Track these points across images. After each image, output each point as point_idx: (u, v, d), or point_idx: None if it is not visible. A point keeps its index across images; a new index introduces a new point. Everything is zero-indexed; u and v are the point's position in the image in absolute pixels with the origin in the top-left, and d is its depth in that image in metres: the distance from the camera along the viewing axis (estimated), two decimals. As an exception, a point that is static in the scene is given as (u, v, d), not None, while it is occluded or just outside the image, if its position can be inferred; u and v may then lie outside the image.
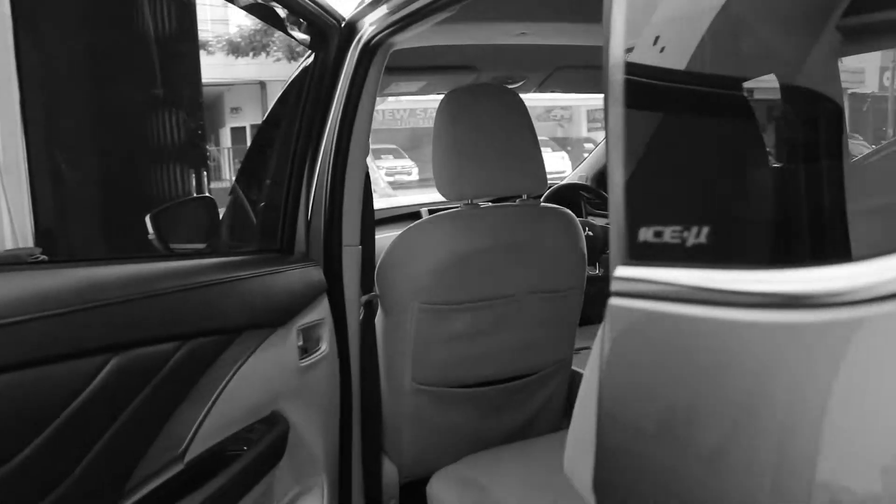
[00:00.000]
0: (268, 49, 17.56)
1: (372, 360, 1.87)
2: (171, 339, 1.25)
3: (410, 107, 21.60)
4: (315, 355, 1.67)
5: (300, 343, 1.62)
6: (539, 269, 1.93)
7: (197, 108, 5.41)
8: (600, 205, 3.29)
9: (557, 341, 2.07)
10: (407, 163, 19.42)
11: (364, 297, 1.84)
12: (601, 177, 3.56)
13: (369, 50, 1.72)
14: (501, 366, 2.00)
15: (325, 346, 1.70)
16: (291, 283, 1.63)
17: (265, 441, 1.48)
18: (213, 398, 1.35)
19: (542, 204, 1.95)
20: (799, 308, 0.63)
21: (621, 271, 0.81)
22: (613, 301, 0.81)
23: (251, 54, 17.70)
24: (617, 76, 0.83)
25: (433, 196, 3.45)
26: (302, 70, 1.89)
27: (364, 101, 1.75)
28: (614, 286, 0.81)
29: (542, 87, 2.83)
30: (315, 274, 1.70)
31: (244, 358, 1.43)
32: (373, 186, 1.98)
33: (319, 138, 1.76)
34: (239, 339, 1.41)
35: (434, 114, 1.87)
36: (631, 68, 0.84)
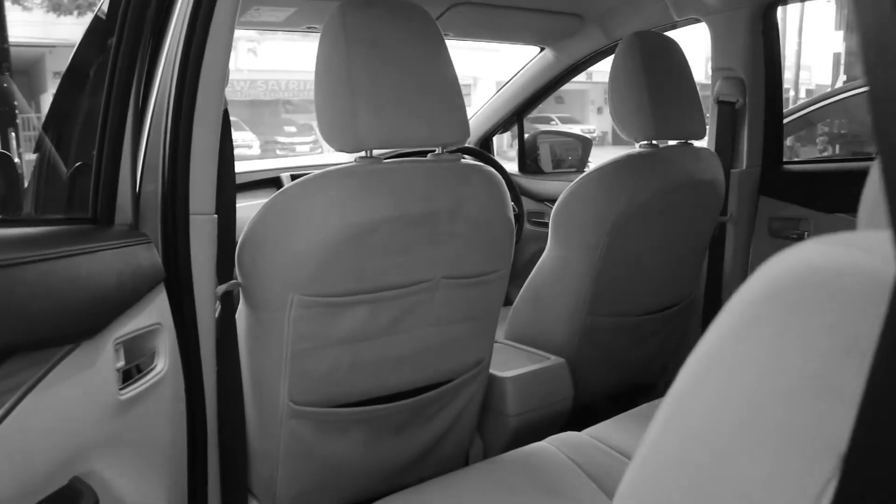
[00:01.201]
0: (94, 7, 16.03)
1: (232, 376, 1.34)
2: None
3: (251, 77, 20.67)
4: (145, 380, 1.11)
5: (120, 363, 1.06)
6: (459, 246, 1.45)
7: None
8: None
9: (478, 339, 1.61)
10: (247, 135, 18.60)
11: (221, 288, 1.30)
12: (486, 141, 3.13)
13: None
14: (408, 374, 1.51)
15: (163, 363, 1.15)
16: (103, 272, 1.05)
17: None
18: None
19: (465, 160, 1.47)
20: None
21: None
22: None
23: (76, 13, 16.10)
24: None
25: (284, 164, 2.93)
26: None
27: (220, 15, 1.20)
28: None
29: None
30: (146, 256, 1.14)
31: (15, 398, 0.86)
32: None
33: (153, 64, 1.21)
34: (3, 368, 0.84)
35: (277, 86, 1.34)
36: None
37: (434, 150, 1.46)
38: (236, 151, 1.37)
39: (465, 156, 2.81)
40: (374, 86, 1.29)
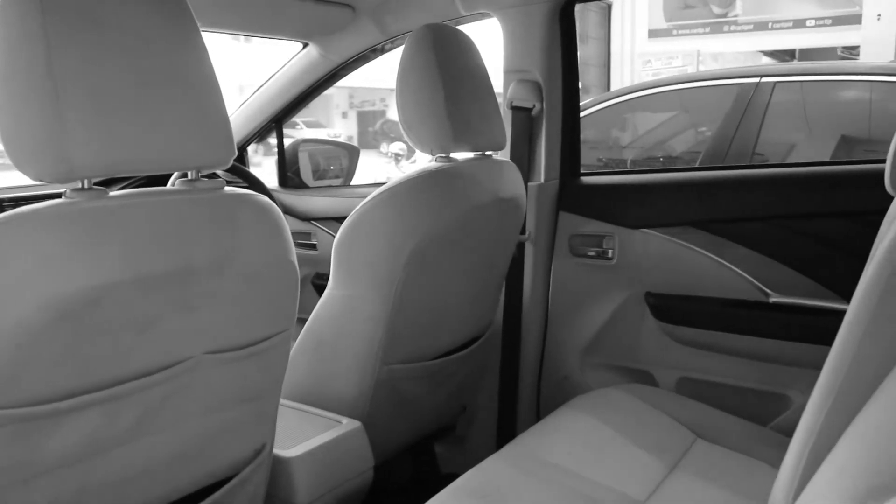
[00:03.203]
0: None
1: None
2: None
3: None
4: None
5: None
6: (227, 310, 1.05)
7: None
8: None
9: (257, 421, 1.22)
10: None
11: None
12: (240, 153, 2.70)
13: None
14: (164, 487, 1.09)
15: None
16: None
17: None
18: None
19: (229, 189, 1.07)
20: None
21: None
22: None
23: None
24: None
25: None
26: None
27: None
28: None
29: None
30: None
31: None
32: None
33: None
34: None
35: None
36: None
37: (185, 175, 1.05)
38: None
39: (225, 180, 2.38)
40: (91, 84, 0.87)
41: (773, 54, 13.04)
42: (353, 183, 2.89)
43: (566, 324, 2.07)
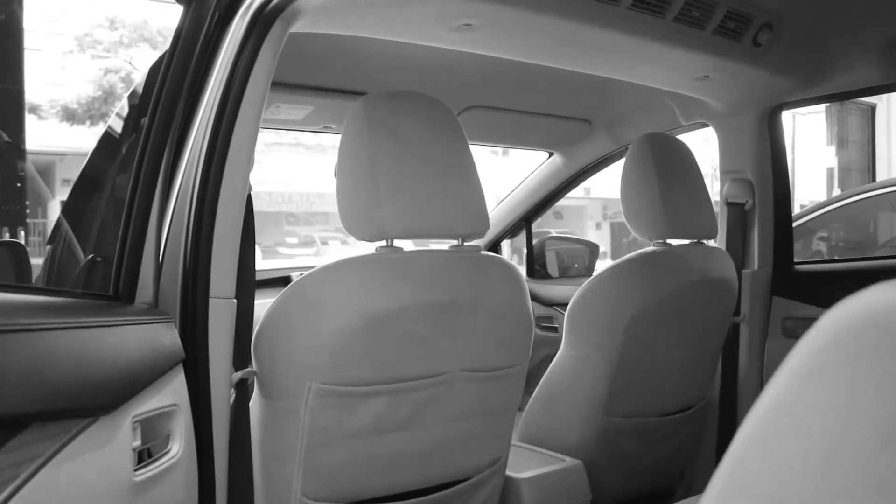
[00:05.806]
0: (107, 118, 16.39)
1: (244, 467, 1.30)
2: None
3: (255, 189, 20.91)
4: (161, 462, 1.08)
5: (136, 443, 1.03)
6: (478, 338, 1.44)
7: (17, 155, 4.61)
8: None
9: (495, 436, 1.57)
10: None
11: (237, 375, 1.28)
12: (495, 246, 3.15)
13: (263, 19, 1.23)
14: (423, 471, 1.47)
15: (178, 447, 1.11)
16: (126, 347, 1.03)
17: None
18: None
19: (484, 252, 1.48)
20: None
21: None
22: None
23: (88, 123, 16.49)
24: None
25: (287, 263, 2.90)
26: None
27: (252, 91, 1.23)
28: None
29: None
30: (166, 335, 1.13)
31: (29, 471, 0.82)
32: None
33: (183, 138, 1.23)
34: (20, 438, 0.82)
35: (280, 198, 1.37)
36: None
37: (455, 241, 1.47)
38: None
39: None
40: (396, 176, 1.31)
41: None
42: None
43: None
